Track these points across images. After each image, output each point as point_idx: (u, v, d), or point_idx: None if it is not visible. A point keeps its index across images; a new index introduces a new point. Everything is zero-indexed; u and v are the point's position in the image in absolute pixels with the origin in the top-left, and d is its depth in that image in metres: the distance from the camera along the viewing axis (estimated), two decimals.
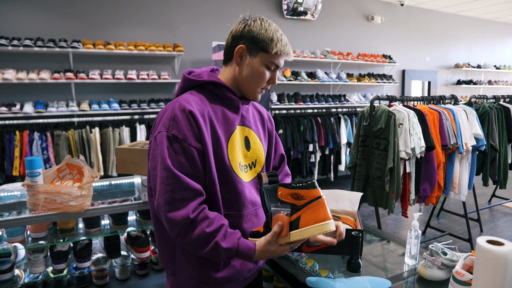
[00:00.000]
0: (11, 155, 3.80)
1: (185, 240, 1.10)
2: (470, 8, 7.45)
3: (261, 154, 1.34)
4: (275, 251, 1.10)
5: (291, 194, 1.10)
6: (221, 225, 1.11)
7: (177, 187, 1.08)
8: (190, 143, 1.11)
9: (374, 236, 1.92)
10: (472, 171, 3.53)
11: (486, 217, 4.66)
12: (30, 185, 1.81)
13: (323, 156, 5.70)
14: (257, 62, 1.19)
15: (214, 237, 1.09)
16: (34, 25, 4.20)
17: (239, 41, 1.20)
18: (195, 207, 1.09)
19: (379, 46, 6.91)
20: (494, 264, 0.92)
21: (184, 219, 1.07)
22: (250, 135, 1.31)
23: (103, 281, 2.28)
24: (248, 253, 1.11)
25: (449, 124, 3.17)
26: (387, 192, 3.02)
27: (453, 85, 8.19)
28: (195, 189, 1.11)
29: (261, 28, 1.18)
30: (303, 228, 1.07)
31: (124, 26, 4.67)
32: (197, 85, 1.24)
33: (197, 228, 1.08)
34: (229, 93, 1.23)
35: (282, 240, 1.09)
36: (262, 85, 1.24)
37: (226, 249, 1.09)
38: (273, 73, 1.24)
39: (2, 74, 3.83)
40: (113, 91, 4.62)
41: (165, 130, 1.11)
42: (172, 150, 1.10)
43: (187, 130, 1.11)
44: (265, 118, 1.44)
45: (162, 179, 1.09)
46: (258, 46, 1.18)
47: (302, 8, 5.82)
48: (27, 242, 2.00)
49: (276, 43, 1.18)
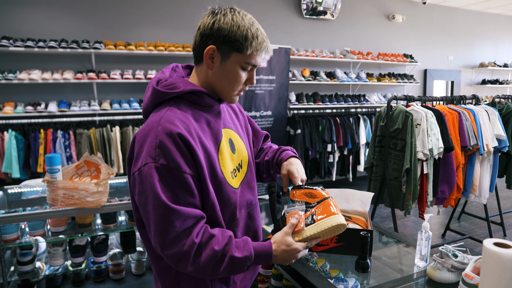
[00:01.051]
0: (36, 153, 3.94)
1: (198, 268, 0.99)
2: (496, 5, 7.23)
3: (245, 153, 1.24)
4: (291, 245, 1.05)
5: (305, 193, 1.14)
6: (229, 238, 1.03)
7: (177, 222, 0.96)
8: (185, 171, 0.98)
9: (387, 237, 1.90)
10: (494, 173, 3.44)
11: (510, 221, 4.51)
12: (50, 181, 1.89)
13: (342, 157, 5.66)
14: (231, 64, 1.05)
15: (227, 252, 1.01)
16: (58, 27, 4.34)
17: (208, 40, 1.03)
18: (197, 231, 1.00)
19: (400, 45, 6.79)
20: (500, 267, 0.90)
21: (190, 247, 0.97)
22: (232, 137, 1.20)
23: (119, 275, 2.35)
24: (267, 251, 1.05)
25: (469, 124, 3.10)
26: (404, 193, 2.98)
27: (478, 85, 7.96)
28: (195, 215, 1.00)
29: (232, 24, 1.02)
30: (318, 222, 1.08)
31: (144, 27, 4.77)
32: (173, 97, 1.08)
33: (206, 250, 0.99)
34: (209, 100, 1.10)
35: (297, 236, 1.08)
36: (238, 87, 1.10)
37: (243, 259, 1.02)
38: (250, 73, 1.10)
39: (28, 75, 3.97)
40: (133, 91, 4.72)
41: (152, 161, 0.96)
42: (165, 182, 0.96)
43: (178, 157, 0.97)
44: (237, 111, 1.32)
45: (159, 218, 0.96)
46: (231, 46, 1.02)
47: (321, 8, 5.79)
48: (47, 236, 2.08)
49: (251, 41, 1.02)
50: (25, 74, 3.96)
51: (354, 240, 1.48)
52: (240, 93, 1.14)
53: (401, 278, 1.41)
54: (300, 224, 1.08)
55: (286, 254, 1.05)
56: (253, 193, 1.25)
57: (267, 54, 1.09)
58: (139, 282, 2.36)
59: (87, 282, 2.33)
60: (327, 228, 1.06)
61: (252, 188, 1.24)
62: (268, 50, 1.08)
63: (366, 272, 1.45)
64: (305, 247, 1.07)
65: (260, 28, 1.08)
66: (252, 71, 1.10)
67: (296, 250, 1.05)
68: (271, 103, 5.07)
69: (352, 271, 1.50)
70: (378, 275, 1.52)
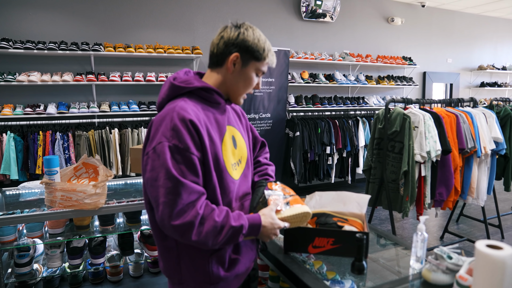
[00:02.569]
0: (34, 154, 3.95)
1: (201, 237, 1.12)
2: (495, 8, 7.25)
3: (245, 150, 1.39)
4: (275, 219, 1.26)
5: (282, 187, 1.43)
6: (226, 211, 1.18)
7: (184, 194, 1.10)
8: (193, 152, 1.13)
9: (385, 239, 1.91)
10: (492, 176, 3.45)
11: (508, 224, 4.52)
12: (48, 183, 1.89)
13: (341, 159, 5.66)
14: (249, 70, 1.26)
15: (226, 223, 1.15)
16: (58, 29, 4.35)
17: (232, 49, 1.23)
18: (201, 204, 1.13)
19: (399, 48, 6.81)
20: (492, 268, 0.91)
21: (194, 217, 1.10)
22: (235, 134, 1.35)
23: (117, 277, 2.35)
24: (257, 222, 1.22)
25: (467, 127, 3.11)
26: (402, 195, 2.99)
27: (477, 87, 7.98)
28: (199, 191, 1.14)
29: (254, 38, 1.23)
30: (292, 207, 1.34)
31: (143, 29, 4.78)
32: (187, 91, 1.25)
33: (208, 221, 1.13)
34: (218, 97, 1.27)
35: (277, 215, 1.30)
36: (249, 90, 1.31)
37: (240, 227, 1.17)
38: (258, 79, 1.32)
39: (27, 77, 3.98)
40: (132, 93, 4.73)
41: (166, 140, 1.11)
42: (175, 160, 1.11)
43: (188, 140, 1.12)
44: (239, 114, 1.48)
45: (168, 190, 1.09)
46: (252, 56, 1.24)
47: (321, 10, 5.81)
48: (45, 238, 2.08)
49: (268, 53, 1.26)
50: (24, 76, 3.97)
51: (351, 242, 1.49)
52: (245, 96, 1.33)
53: (397, 280, 1.41)
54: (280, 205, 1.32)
55: (271, 227, 1.25)
56: (248, 186, 1.41)
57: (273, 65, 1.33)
58: (137, 284, 2.36)
59: (84, 284, 2.33)
60: (299, 213, 1.32)
61: (248, 180, 1.41)
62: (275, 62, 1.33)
63: (362, 274, 1.45)
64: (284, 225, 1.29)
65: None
66: (259, 77, 1.32)
67: (277, 225, 1.26)
68: (270, 105, 5.08)
69: (349, 273, 1.51)
70: (375, 277, 1.53)
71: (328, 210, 1.71)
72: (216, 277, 1.24)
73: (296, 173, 5.20)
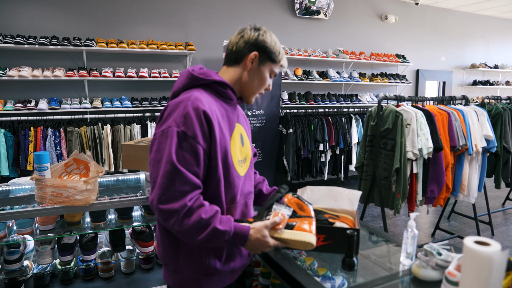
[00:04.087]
0: (25, 150, 3.91)
1: (182, 229, 1.13)
2: (488, 7, 7.30)
3: (250, 149, 1.43)
4: (266, 237, 1.19)
5: (297, 203, 1.32)
6: (216, 211, 1.17)
7: (178, 181, 1.11)
8: (199, 141, 1.15)
9: (376, 236, 1.92)
10: (483, 173, 3.48)
11: (498, 220, 4.57)
12: (38, 179, 1.87)
13: (334, 156, 5.68)
14: (265, 70, 1.33)
15: (211, 223, 1.14)
16: (49, 24, 4.30)
17: (252, 48, 1.30)
18: (192, 197, 1.14)
19: (393, 45, 6.83)
20: (479, 265, 0.92)
21: (181, 207, 1.11)
22: (242, 133, 1.39)
23: (108, 274, 2.34)
24: (244, 233, 1.18)
25: (459, 125, 3.13)
26: (394, 192, 3.01)
27: (469, 85, 8.04)
28: (194, 183, 1.14)
29: (271, 40, 1.32)
30: (296, 231, 1.23)
31: (136, 24, 4.75)
32: (203, 84, 1.28)
33: (194, 215, 1.13)
34: (232, 94, 1.31)
35: (274, 233, 1.22)
36: (262, 90, 1.37)
37: (223, 232, 1.15)
38: (270, 80, 1.38)
39: (18, 72, 3.94)
40: (125, 89, 4.70)
41: (176, 125, 1.14)
42: (180, 146, 1.13)
43: (197, 129, 1.14)
44: (245, 118, 1.53)
45: (165, 173, 1.12)
46: (268, 56, 1.31)
47: (314, 7, 5.80)
48: (35, 234, 2.07)
49: (282, 56, 1.35)
50: (15, 71, 3.93)
51: (342, 238, 1.49)
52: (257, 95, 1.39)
53: (387, 276, 1.42)
54: (281, 224, 1.22)
55: (258, 242, 1.20)
56: (252, 185, 1.44)
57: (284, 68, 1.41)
58: (129, 281, 2.35)
59: (76, 281, 2.31)
60: (299, 240, 1.21)
61: (251, 180, 1.43)
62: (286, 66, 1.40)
63: (352, 271, 1.46)
64: (275, 244, 1.22)
65: None
66: (271, 78, 1.38)
67: (267, 244, 1.20)
68: (264, 102, 5.07)
69: (340, 270, 1.51)
70: (366, 274, 1.54)
71: (319, 207, 1.72)
72: (211, 269, 1.26)
73: (289, 170, 5.21)
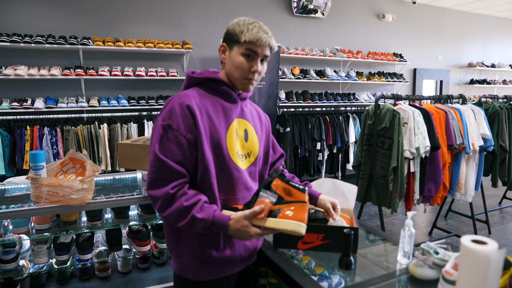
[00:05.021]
0: (22, 150, 3.89)
1: (165, 214, 1.21)
2: (485, 6, 7.31)
3: (256, 146, 1.43)
4: (246, 227, 1.19)
5: (284, 188, 1.24)
6: (198, 200, 1.22)
7: (161, 170, 1.21)
8: (182, 133, 1.22)
9: (374, 235, 1.92)
10: (480, 172, 3.48)
11: (495, 219, 4.58)
12: (34, 178, 1.86)
13: (331, 155, 5.68)
14: (234, 54, 1.30)
15: (191, 211, 1.19)
16: (46, 22, 4.28)
17: (222, 41, 1.36)
18: (175, 185, 1.21)
19: (390, 44, 6.84)
20: (476, 263, 0.91)
21: (164, 194, 1.20)
22: (248, 128, 1.41)
23: (105, 273, 2.33)
24: (223, 223, 1.20)
25: (456, 123, 3.13)
26: (391, 191, 3.01)
27: (466, 84, 8.06)
28: (178, 171, 1.22)
29: (234, 24, 1.30)
30: (280, 219, 1.19)
31: (133, 23, 4.73)
32: (199, 82, 1.36)
33: (175, 203, 1.20)
34: (227, 88, 1.34)
35: (256, 221, 1.20)
36: (244, 74, 1.31)
37: (201, 220, 1.19)
38: (252, 61, 1.30)
39: (14, 70, 3.91)
40: (122, 88, 4.69)
41: (162, 120, 1.24)
42: (166, 137, 1.22)
43: (181, 122, 1.22)
44: (262, 118, 1.55)
45: (150, 161, 1.23)
46: (232, 39, 1.30)
47: (312, 6, 5.80)
48: (31, 234, 2.05)
49: (245, 32, 1.27)
50: (10, 69, 3.90)
51: (341, 237, 1.49)
52: (251, 82, 1.33)
53: (384, 275, 1.42)
54: (262, 213, 1.19)
55: (240, 232, 1.20)
56: (255, 183, 1.42)
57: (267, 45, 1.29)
58: (125, 280, 2.34)
59: (72, 280, 2.30)
60: (283, 229, 1.17)
61: (254, 178, 1.42)
62: (265, 41, 1.28)
63: (349, 270, 1.46)
64: (259, 232, 1.20)
65: (262, 27, 1.30)
66: (254, 60, 1.30)
67: (248, 233, 1.19)
68: (261, 101, 5.07)
69: (337, 269, 1.51)
70: (364, 273, 1.53)
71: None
72: (207, 256, 1.30)
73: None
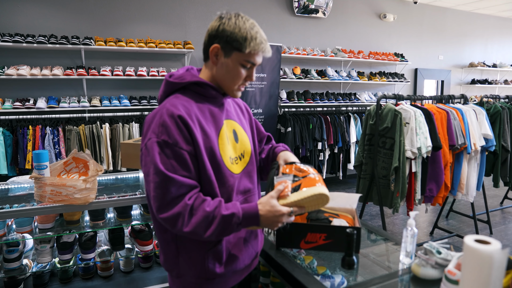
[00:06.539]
0: (24, 149, 3.90)
1: (192, 228, 1.10)
2: (486, 5, 7.31)
3: (248, 144, 1.37)
4: (275, 206, 1.15)
5: (295, 168, 1.27)
6: (219, 201, 1.15)
7: (173, 188, 1.10)
8: (182, 147, 1.12)
9: (376, 235, 1.92)
10: (481, 172, 3.49)
11: (497, 219, 4.58)
12: (37, 178, 1.87)
13: (332, 155, 5.69)
14: (232, 62, 1.19)
15: (218, 212, 1.12)
16: (48, 22, 4.29)
17: (214, 40, 1.19)
18: (191, 195, 1.12)
19: (391, 44, 6.84)
20: (480, 263, 0.92)
21: (183, 208, 1.10)
22: (236, 128, 1.33)
23: (107, 272, 2.33)
24: (252, 210, 1.14)
25: (457, 124, 3.14)
26: (392, 191, 3.01)
27: (467, 84, 8.05)
28: (189, 184, 1.13)
29: (235, 27, 1.16)
30: (302, 190, 1.18)
31: (135, 23, 4.74)
32: (181, 87, 1.24)
33: (198, 212, 1.11)
34: (212, 91, 1.25)
35: (283, 201, 1.17)
36: (238, 83, 1.24)
37: (232, 215, 1.12)
38: (249, 70, 1.24)
39: (16, 70, 3.92)
40: (123, 88, 4.69)
41: (155, 136, 1.12)
42: (164, 155, 1.11)
43: (177, 135, 1.12)
44: (243, 109, 1.46)
45: (156, 184, 1.10)
46: (232, 46, 1.17)
47: (313, 6, 5.80)
48: (34, 233, 2.06)
49: (250, 42, 1.16)
50: (13, 69, 3.92)
51: (342, 237, 1.50)
52: (241, 88, 1.27)
53: (386, 275, 1.42)
54: (286, 190, 1.18)
55: (271, 214, 1.14)
56: (252, 182, 1.37)
57: (266, 54, 1.23)
58: (128, 279, 2.34)
59: (75, 279, 2.31)
60: (310, 196, 1.16)
61: (251, 177, 1.36)
62: (266, 51, 1.22)
63: (352, 269, 1.47)
64: (289, 211, 1.16)
65: (260, 31, 1.21)
66: (251, 69, 1.23)
67: (279, 212, 1.14)
68: (262, 101, 5.07)
69: (340, 268, 1.52)
70: (366, 272, 1.54)
71: None
72: (212, 272, 1.24)
73: None
